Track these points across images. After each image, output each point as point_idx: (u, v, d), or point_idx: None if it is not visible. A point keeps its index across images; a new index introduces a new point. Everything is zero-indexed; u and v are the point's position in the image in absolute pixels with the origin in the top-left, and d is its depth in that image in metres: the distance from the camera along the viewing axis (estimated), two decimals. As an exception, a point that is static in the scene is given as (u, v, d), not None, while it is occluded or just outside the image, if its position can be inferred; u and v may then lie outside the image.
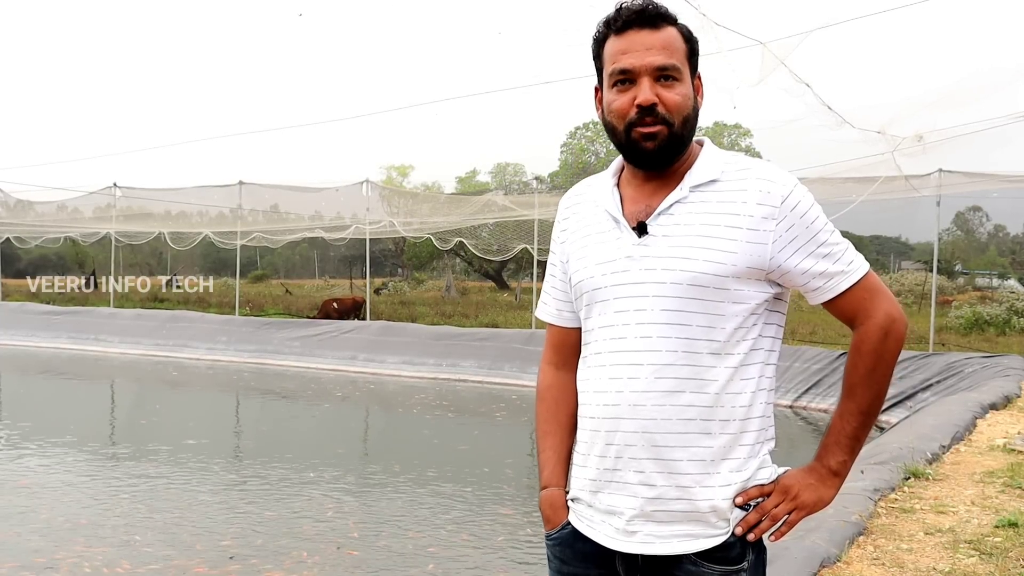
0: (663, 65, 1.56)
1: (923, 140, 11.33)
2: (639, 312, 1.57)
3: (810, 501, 1.62)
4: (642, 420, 1.56)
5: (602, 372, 1.62)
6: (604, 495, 1.62)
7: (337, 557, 5.67)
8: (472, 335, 16.04)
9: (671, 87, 1.57)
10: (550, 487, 1.74)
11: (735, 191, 1.57)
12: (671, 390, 1.55)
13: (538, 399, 1.82)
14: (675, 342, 1.55)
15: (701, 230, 1.55)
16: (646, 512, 1.57)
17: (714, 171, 1.60)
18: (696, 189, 1.59)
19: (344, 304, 22.09)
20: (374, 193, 20.11)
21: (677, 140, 1.58)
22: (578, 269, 1.67)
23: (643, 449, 1.57)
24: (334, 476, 8.06)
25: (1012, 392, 9.11)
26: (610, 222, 1.64)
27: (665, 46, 1.57)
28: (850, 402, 1.62)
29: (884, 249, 64.32)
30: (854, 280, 1.61)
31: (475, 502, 7.20)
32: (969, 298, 27.34)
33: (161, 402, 13.26)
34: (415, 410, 12.58)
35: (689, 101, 1.59)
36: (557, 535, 1.71)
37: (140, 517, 6.52)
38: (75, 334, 19.91)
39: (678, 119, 1.57)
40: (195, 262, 44.27)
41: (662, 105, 1.56)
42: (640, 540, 1.58)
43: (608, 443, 1.60)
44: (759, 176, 1.58)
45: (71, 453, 8.81)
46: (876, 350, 1.61)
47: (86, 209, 24.60)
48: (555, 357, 1.80)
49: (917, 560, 3.75)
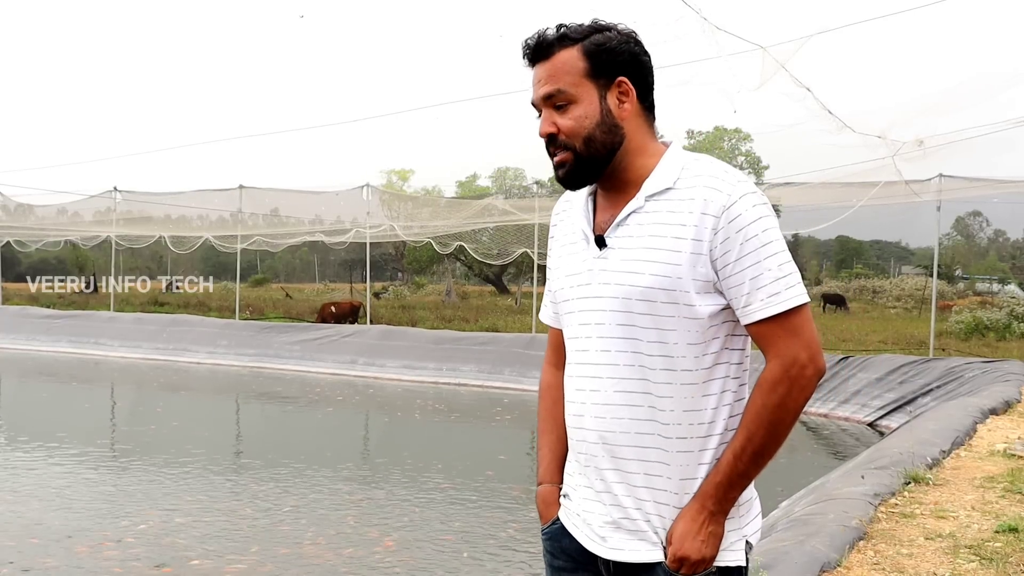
0: (547, 93, 1.58)
1: (924, 145, 11.34)
2: (598, 326, 1.58)
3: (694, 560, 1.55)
4: (602, 432, 1.59)
5: (571, 383, 1.66)
6: (582, 500, 1.66)
7: (338, 557, 5.67)
8: (472, 339, 16.03)
9: (565, 112, 1.58)
10: (544, 483, 1.79)
11: (684, 200, 1.54)
12: (628, 403, 1.56)
13: (539, 397, 1.88)
14: (631, 356, 1.55)
15: (649, 242, 1.54)
16: (614, 519, 1.60)
17: (669, 179, 1.57)
18: (651, 198, 1.57)
19: (342, 308, 22.22)
20: (374, 197, 20.12)
21: (584, 162, 1.58)
22: (553, 279, 1.72)
23: (605, 460, 1.59)
24: (334, 478, 8.05)
25: (1012, 397, 9.11)
26: (580, 234, 1.66)
27: (552, 74, 1.57)
28: (744, 439, 1.54)
29: (884, 254, 64.31)
30: (769, 314, 1.52)
31: (476, 504, 7.19)
32: (969, 303, 27.33)
33: (161, 406, 13.25)
34: (416, 414, 12.57)
35: (587, 120, 1.57)
36: (548, 530, 1.75)
37: (129, 522, 6.51)
38: (75, 338, 19.92)
39: (578, 142, 1.57)
40: (195, 266, 44.29)
41: (560, 133, 1.58)
42: (611, 547, 1.60)
43: (579, 452, 1.65)
44: (706, 184, 1.54)
45: (71, 456, 8.82)
46: (774, 391, 1.53)
47: (86, 213, 24.65)
48: (554, 357, 1.85)
49: (917, 565, 3.74)
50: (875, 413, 11.43)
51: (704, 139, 35.77)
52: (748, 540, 1.61)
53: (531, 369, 14.24)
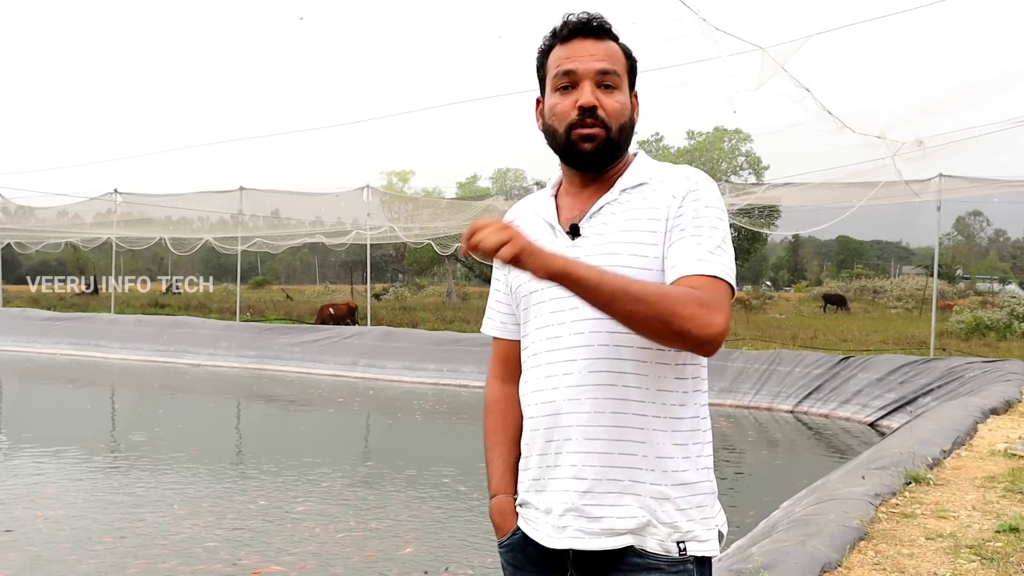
0: (605, 69, 1.62)
1: (923, 145, 11.34)
2: (573, 310, 1.58)
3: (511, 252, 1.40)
4: (577, 414, 1.58)
5: (539, 372, 1.64)
6: (545, 494, 1.63)
7: (337, 558, 5.67)
8: (473, 340, 16.03)
9: (611, 94, 1.62)
10: (499, 495, 1.75)
11: (659, 191, 1.62)
12: (604, 383, 1.57)
13: (485, 412, 1.84)
14: (606, 336, 1.56)
15: (625, 225, 1.60)
16: (576, 506, 1.57)
17: (643, 176, 1.65)
18: (625, 192, 1.64)
19: (340, 309, 22.38)
20: (375, 198, 20.13)
21: (613, 145, 1.63)
22: (516, 275, 1.70)
23: (577, 442, 1.58)
24: (335, 480, 8.05)
25: (1013, 397, 9.11)
26: (547, 228, 1.68)
27: (607, 55, 1.63)
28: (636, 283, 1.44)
29: (884, 254, 64.35)
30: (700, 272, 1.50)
31: (478, 506, 7.19)
32: (970, 303, 27.34)
33: (165, 409, 13.26)
34: (417, 415, 12.58)
35: (627, 110, 1.65)
36: (508, 542, 1.72)
37: (128, 526, 6.52)
38: (76, 340, 19.93)
39: (615, 125, 1.62)
40: (196, 267, 44.31)
41: (602, 109, 1.61)
42: (570, 536, 1.58)
43: (548, 440, 1.62)
44: (680, 175, 1.63)
45: (69, 459, 8.82)
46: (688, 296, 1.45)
47: (87, 214, 24.67)
48: (501, 371, 1.83)
49: (918, 565, 3.75)
50: (876, 413, 11.43)
51: (704, 139, 35.72)
52: (720, 530, 1.63)
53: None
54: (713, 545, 1.60)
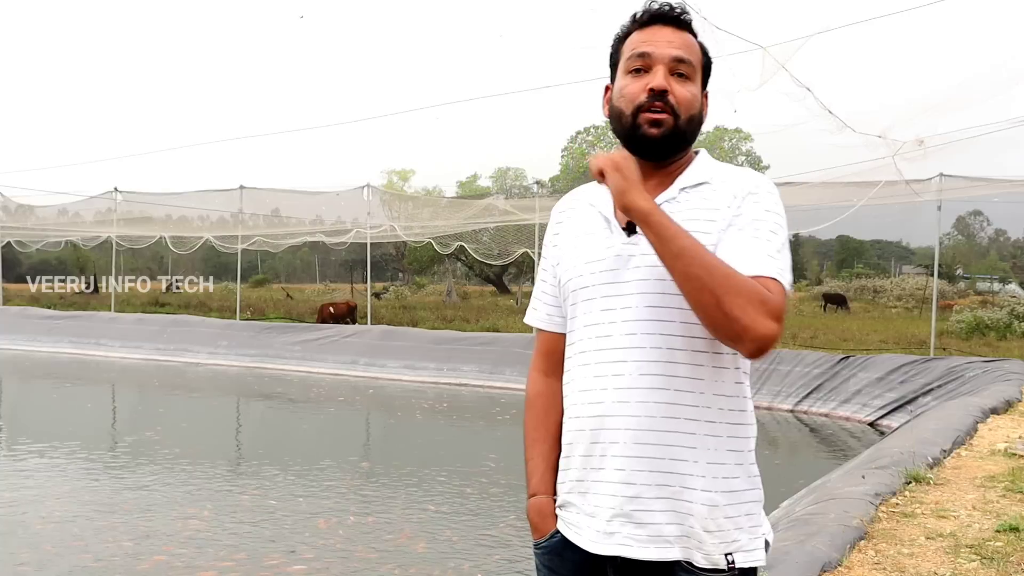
0: (680, 57, 1.59)
1: (924, 144, 11.34)
2: (625, 310, 1.55)
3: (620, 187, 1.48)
4: (626, 417, 1.54)
5: (587, 371, 1.60)
6: (589, 496, 1.59)
7: (339, 556, 5.67)
8: (473, 339, 16.03)
9: (683, 83, 1.59)
10: (538, 495, 1.71)
11: (719, 192, 1.58)
12: (655, 387, 1.53)
13: (527, 407, 1.79)
14: (659, 339, 1.53)
15: (684, 226, 1.51)
16: (625, 512, 1.54)
17: (704, 175, 1.61)
18: (685, 190, 1.60)
19: (339, 308, 22.45)
20: (375, 197, 20.13)
21: (679, 134, 1.58)
22: (567, 268, 1.66)
23: (626, 447, 1.54)
24: (335, 479, 8.06)
25: (1013, 396, 9.11)
26: (602, 222, 1.64)
27: (685, 44, 1.61)
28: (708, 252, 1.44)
29: (885, 253, 64.32)
30: (765, 273, 1.46)
31: (477, 507, 7.20)
32: (970, 302, 27.34)
33: (166, 408, 13.26)
34: (417, 414, 12.58)
35: (697, 103, 1.61)
36: (546, 544, 1.68)
37: (144, 525, 6.52)
38: (76, 338, 19.93)
39: (684, 114, 1.58)
40: (196, 266, 44.30)
41: (672, 95, 1.57)
42: (618, 542, 1.54)
43: (593, 441, 1.58)
44: (742, 177, 1.60)
45: (70, 458, 8.82)
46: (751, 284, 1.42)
47: (87, 213, 24.67)
48: (544, 364, 1.78)
49: (918, 565, 3.75)
50: (876, 413, 11.43)
51: (704, 139, 35.74)
52: (767, 539, 1.61)
53: (532, 369, 14.25)
54: (760, 555, 1.57)
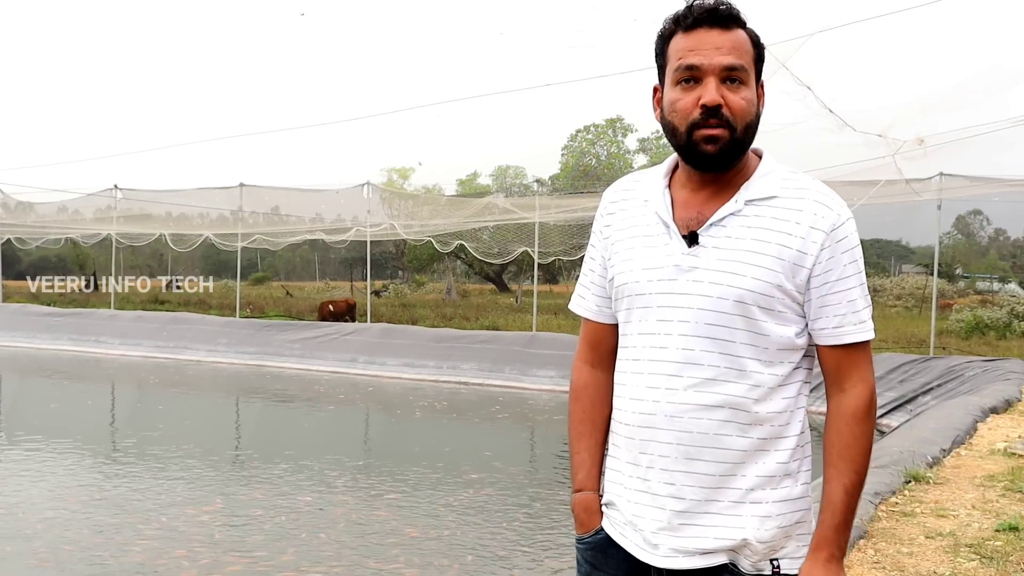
0: (731, 65, 1.50)
1: (924, 143, 11.33)
2: (683, 323, 1.52)
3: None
4: (677, 432, 1.52)
5: (639, 380, 1.57)
6: (633, 505, 1.58)
7: (339, 557, 5.67)
8: (472, 337, 16.03)
9: (737, 90, 1.51)
10: (585, 490, 1.70)
11: (790, 210, 1.52)
12: (710, 404, 1.51)
13: (572, 398, 1.75)
14: (717, 357, 1.51)
15: (752, 246, 1.51)
16: (672, 525, 1.53)
17: (773, 187, 1.55)
18: (751, 203, 1.54)
19: (339, 306, 22.47)
20: (375, 195, 20.11)
21: (738, 145, 1.52)
22: (622, 271, 1.61)
23: (676, 461, 1.53)
24: (335, 478, 8.06)
25: (1013, 396, 9.11)
26: (660, 226, 1.58)
27: (735, 47, 1.51)
28: (852, 472, 1.54)
29: (885, 252, 64.27)
30: (860, 339, 1.54)
31: (477, 504, 7.20)
32: (970, 302, 27.31)
33: (166, 405, 13.26)
34: (416, 412, 12.57)
35: (753, 107, 1.54)
36: (590, 540, 1.68)
37: (148, 524, 6.52)
38: (76, 336, 19.92)
39: (741, 124, 1.51)
40: (196, 264, 44.27)
41: (727, 108, 1.49)
42: (663, 554, 1.54)
43: (641, 452, 1.56)
44: (815, 199, 1.54)
45: (68, 455, 8.82)
46: (868, 417, 1.55)
47: (87, 211, 24.63)
48: (591, 355, 1.74)
49: (918, 564, 3.75)
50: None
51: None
52: None
53: (531, 367, 14.25)
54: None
